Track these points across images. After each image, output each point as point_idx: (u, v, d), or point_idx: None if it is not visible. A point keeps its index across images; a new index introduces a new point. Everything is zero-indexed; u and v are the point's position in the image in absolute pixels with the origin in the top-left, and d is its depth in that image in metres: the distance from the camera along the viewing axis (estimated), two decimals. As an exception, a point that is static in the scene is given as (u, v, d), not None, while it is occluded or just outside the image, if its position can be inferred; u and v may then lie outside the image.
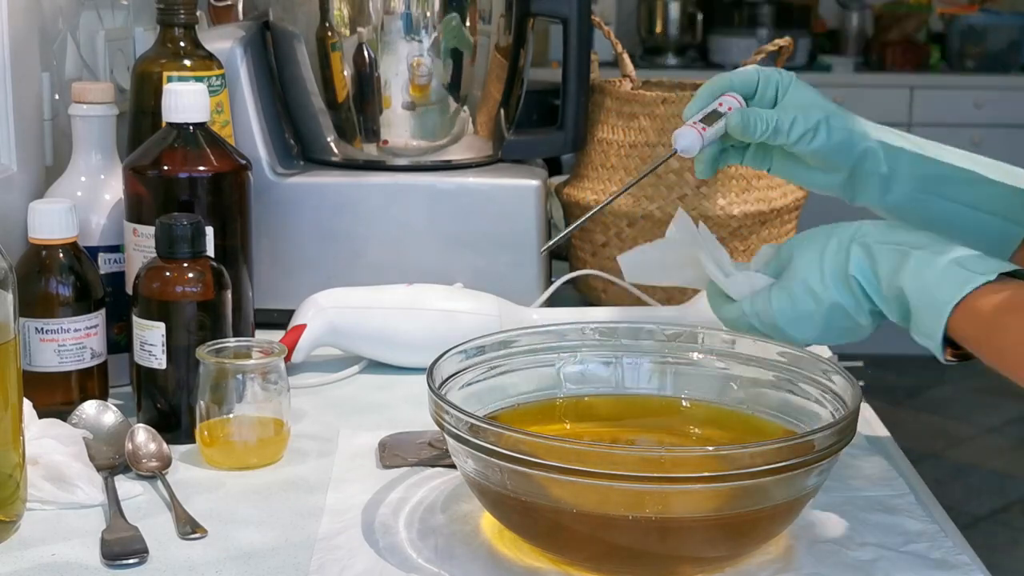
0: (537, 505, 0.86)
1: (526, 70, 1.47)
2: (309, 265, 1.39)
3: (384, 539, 0.93)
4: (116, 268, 1.19)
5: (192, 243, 1.08)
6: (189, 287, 1.08)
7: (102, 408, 1.07)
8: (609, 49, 1.56)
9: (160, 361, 1.08)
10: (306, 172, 1.41)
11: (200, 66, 1.27)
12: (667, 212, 1.39)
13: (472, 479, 0.89)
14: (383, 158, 1.43)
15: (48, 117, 1.33)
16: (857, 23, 4.79)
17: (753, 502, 0.85)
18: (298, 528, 0.95)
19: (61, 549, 0.91)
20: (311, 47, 1.40)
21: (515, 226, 1.38)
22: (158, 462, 1.03)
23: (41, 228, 1.09)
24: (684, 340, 1.05)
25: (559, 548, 0.89)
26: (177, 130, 1.15)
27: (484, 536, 0.93)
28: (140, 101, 1.29)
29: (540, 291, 1.40)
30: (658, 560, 0.87)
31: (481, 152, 1.45)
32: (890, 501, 1.00)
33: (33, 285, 1.09)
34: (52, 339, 1.09)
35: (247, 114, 1.38)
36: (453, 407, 0.88)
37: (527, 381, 1.03)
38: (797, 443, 0.85)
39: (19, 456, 0.93)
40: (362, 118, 1.41)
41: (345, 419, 1.16)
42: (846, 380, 0.94)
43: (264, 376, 1.07)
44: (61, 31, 1.37)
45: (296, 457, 1.08)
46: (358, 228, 1.39)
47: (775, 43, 1.44)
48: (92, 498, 0.97)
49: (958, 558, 0.91)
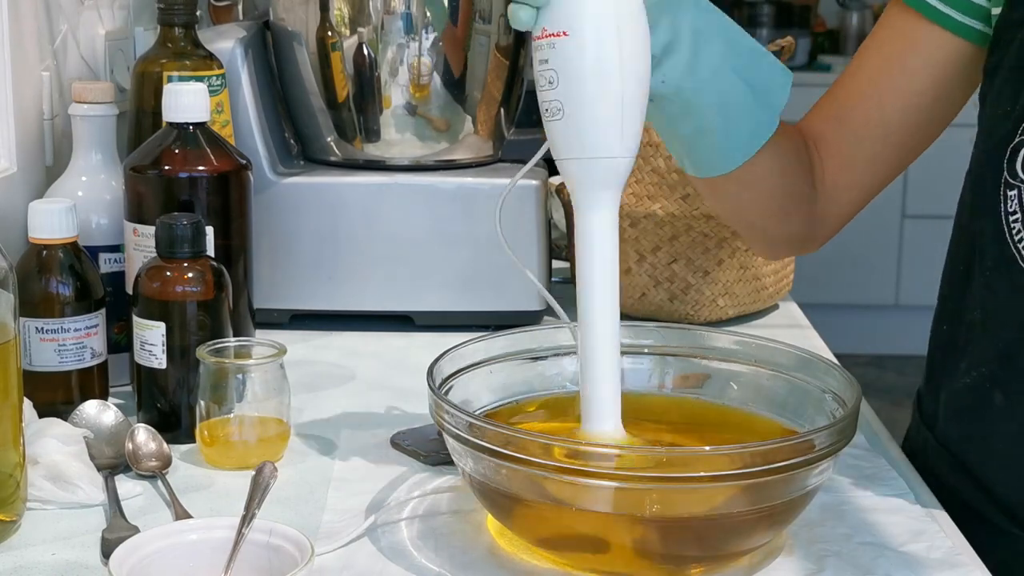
0: (537, 505, 0.86)
1: (526, 70, 1.47)
2: (309, 265, 1.39)
3: (385, 538, 0.93)
4: (116, 268, 1.19)
5: (192, 243, 1.08)
6: (189, 287, 1.08)
7: (102, 408, 1.07)
8: (609, 49, 1.56)
9: (160, 361, 1.08)
10: (306, 172, 1.41)
11: (200, 66, 1.28)
12: (669, 211, 1.39)
13: (472, 479, 0.89)
14: (383, 158, 1.43)
15: (48, 117, 1.33)
16: (857, 23, 4.79)
17: (753, 502, 0.85)
18: (298, 528, 0.95)
19: (61, 549, 0.91)
20: (311, 47, 1.40)
21: (515, 226, 1.38)
22: (158, 462, 1.03)
23: (41, 228, 1.09)
24: (684, 340, 1.05)
25: (559, 548, 0.89)
26: (177, 130, 1.15)
27: (485, 536, 0.93)
28: (140, 101, 1.30)
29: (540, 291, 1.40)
30: (658, 560, 0.87)
31: (481, 152, 1.45)
32: (890, 501, 1.00)
33: (33, 285, 1.09)
34: (52, 339, 1.09)
35: (247, 114, 1.38)
36: (453, 407, 0.88)
37: (527, 381, 1.03)
38: (797, 443, 0.85)
39: (19, 456, 0.93)
40: (362, 118, 1.41)
41: (345, 419, 1.16)
42: (846, 380, 0.94)
43: (264, 376, 1.07)
44: (61, 31, 1.37)
45: (296, 457, 1.08)
46: (358, 228, 1.39)
47: (775, 43, 1.44)
48: (92, 498, 0.97)
49: (958, 558, 0.91)
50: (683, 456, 0.87)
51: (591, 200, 0.90)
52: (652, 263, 1.41)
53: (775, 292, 1.49)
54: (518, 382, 1.03)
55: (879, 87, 1.10)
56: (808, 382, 0.98)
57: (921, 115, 1.11)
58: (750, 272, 1.44)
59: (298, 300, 1.40)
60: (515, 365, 1.03)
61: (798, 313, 1.52)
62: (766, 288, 1.47)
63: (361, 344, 1.37)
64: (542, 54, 0.89)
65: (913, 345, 4.69)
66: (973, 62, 1.08)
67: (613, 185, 0.90)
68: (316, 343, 1.37)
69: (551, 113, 0.89)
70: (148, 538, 0.81)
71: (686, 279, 1.41)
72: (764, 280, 1.46)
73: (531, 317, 1.39)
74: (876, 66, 1.11)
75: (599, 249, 0.90)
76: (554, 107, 0.89)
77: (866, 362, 4.42)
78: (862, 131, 1.12)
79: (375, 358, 1.33)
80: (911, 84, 1.10)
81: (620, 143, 0.88)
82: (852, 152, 1.13)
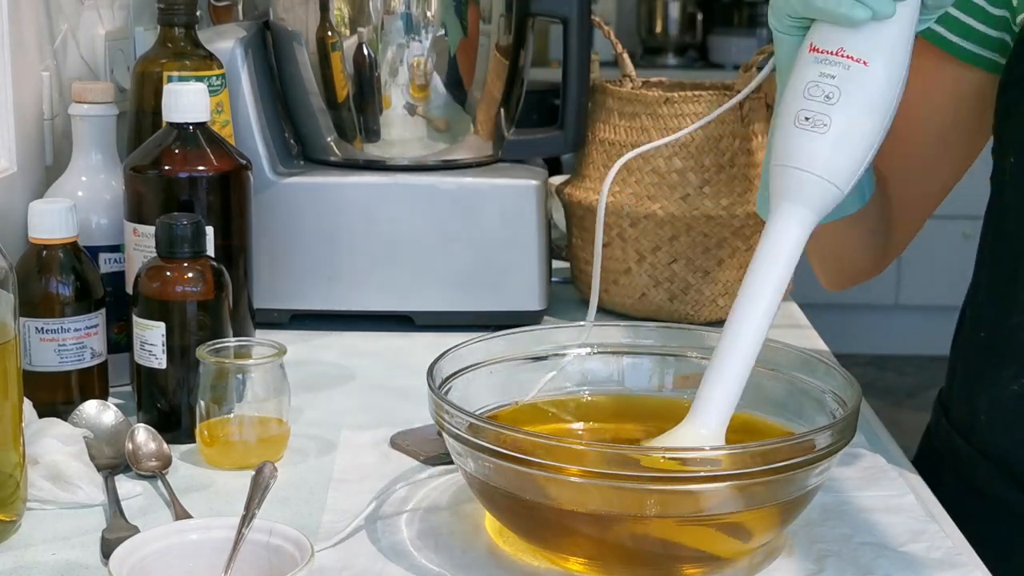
0: (537, 505, 0.86)
1: (526, 70, 1.47)
2: (309, 265, 1.39)
3: (385, 538, 0.93)
4: (116, 268, 1.19)
5: (192, 243, 1.08)
6: (189, 287, 1.08)
7: (102, 408, 1.07)
8: (609, 49, 1.56)
9: (160, 361, 1.08)
10: (306, 172, 1.41)
11: (200, 66, 1.28)
12: (669, 212, 1.39)
13: (472, 479, 0.89)
14: (383, 158, 1.43)
15: (48, 117, 1.33)
16: (857, 23, 4.78)
17: (753, 502, 0.85)
18: (298, 528, 0.95)
19: (61, 549, 0.91)
20: (311, 47, 1.40)
21: (515, 226, 1.38)
22: (158, 462, 1.03)
23: (41, 228, 1.09)
24: (684, 340, 1.05)
25: (559, 548, 0.89)
26: (177, 130, 1.15)
27: (485, 535, 0.93)
28: (140, 101, 1.30)
29: (540, 291, 1.40)
30: (658, 560, 0.87)
31: (481, 152, 1.45)
32: (890, 501, 1.00)
33: (33, 285, 1.09)
34: (52, 339, 1.09)
35: (247, 114, 1.38)
36: (453, 407, 0.88)
37: (527, 381, 1.03)
38: (797, 443, 0.85)
39: (19, 456, 0.93)
40: (362, 118, 1.41)
41: (345, 419, 1.16)
42: (846, 380, 0.94)
43: (264, 376, 1.07)
44: (61, 31, 1.37)
45: (296, 457, 1.08)
46: (358, 228, 1.39)
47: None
48: (92, 498, 0.97)
49: (958, 558, 0.91)
50: (683, 456, 0.86)
51: (796, 214, 0.90)
52: (652, 263, 1.41)
53: (775, 292, 1.49)
54: (518, 382, 1.03)
55: (913, 127, 1.13)
56: (808, 382, 0.98)
57: (960, 142, 1.15)
58: (750, 272, 1.44)
59: (298, 300, 1.40)
60: (515, 365, 1.03)
61: (798, 313, 1.52)
62: (766, 288, 1.47)
63: (361, 344, 1.37)
64: (830, 69, 0.90)
65: (913, 345, 4.70)
66: (989, 90, 1.10)
67: (819, 210, 0.91)
68: (316, 343, 1.37)
69: (812, 124, 0.90)
70: (148, 538, 0.81)
71: (686, 279, 1.41)
72: (764, 280, 1.46)
73: (531, 317, 1.39)
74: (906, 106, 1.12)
75: (783, 262, 0.90)
76: (819, 120, 0.90)
77: (866, 362, 4.42)
78: (903, 173, 1.16)
79: (375, 358, 1.33)
80: (943, 119, 1.14)
81: (849, 178, 0.90)
82: (902, 191, 1.17)
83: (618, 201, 1.41)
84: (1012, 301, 1.06)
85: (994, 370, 1.08)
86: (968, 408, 1.12)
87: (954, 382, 1.16)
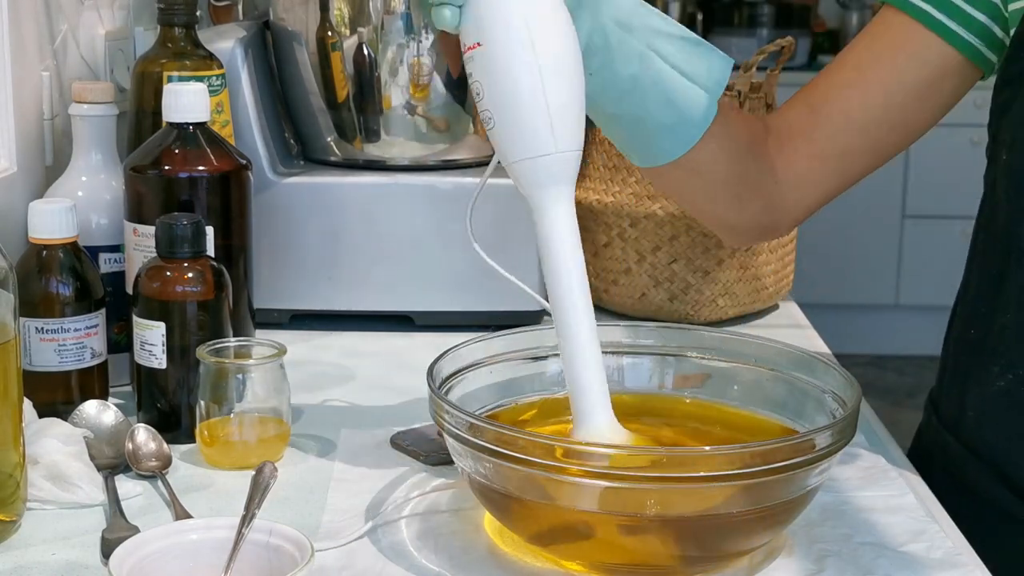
0: (537, 505, 0.86)
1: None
2: (309, 265, 1.39)
3: (385, 538, 0.93)
4: (116, 268, 1.19)
5: (192, 243, 1.08)
6: (189, 287, 1.08)
7: (102, 408, 1.07)
8: (609, 49, 1.56)
9: (160, 361, 1.08)
10: (306, 172, 1.41)
11: (200, 66, 1.28)
12: (669, 212, 1.39)
13: (472, 479, 0.89)
14: (383, 158, 1.43)
15: (48, 117, 1.33)
16: (857, 23, 4.79)
17: (753, 502, 0.85)
18: (298, 528, 0.95)
19: (61, 549, 0.91)
20: (311, 47, 1.40)
21: (515, 226, 1.38)
22: (158, 462, 1.03)
23: (41, 228, 1.09)
24: (684, 340, 1.05)
25: (558, 548, 0.89)
26: (177, 130, 1.15)
27: (485, 536, 0.93)
28: (140, 101, 1.30)
29: (540, 291, 1.40)
30: (658, 560, 0.87)
31: (481, 152, 1.45)
32: (890, 501, 1.00)
33: (33, 285, 1.09)
34: (52, 339, 1.09)
35: (247, 114, 1.38)
36: (453, 407, 0.88)
37: (527, 381, 1.03)
38: (797, 443, 0.85)
39: (19, 456, 0.93)
40: (362, 118, 1.41)
41: (345, 419, 1.16)
42: (846, 380, 0.94)
43: (264, 376, 1.07)
44: (61, 31, 1.37)
45: (296, 457, 1.08)
46: (358, 228, 1.39)
47: (776, 43, 1.44)
48: (92, 498, 0.97)
49: (958, 558, 0.91)
50: (683, 456, 0.87)
51: (540, 199, 0.91)
52: (652, 263, 1.41)
53: (775, 292, 1.49)
54: (518, 382, 1.03)
55: (865, 77, 1.10)
56: (808, 382, 0.98)
57: (901, 114, 1.12)
58: (750, 272, 1.44)
59: (298, 300, 1.40)
60: (515, 365, 1.03)
61: (798, 313, 1.52)
62: (766, 288, 1.47)
63: (361, 344, 1.37)
64: (468, 67, 0.92)
65: (913, 345, 4.70)
66: (960, 74, 1.09)
67: (558, 182, 0.91)
68: (316, 343, 1.37)
69: (486, 123, 0.92)
70: (148, 538, 0.81)
71: (686, 279, 1.41)
72: (764, 280, 1.46)
73: (531, 317, 1.39)
74: (864, 58, 1.11)
75: (558, 244, 0.91)
76: (486, 116, 0.91)
77: (866, 362, 4.42)
78: (839, 123, 1.12)
79: (375, 358, 1.33)
80: (897, 78, 1.10)
81: (553, 141, 0.90)
82: (825, 144, 1.13)
83: (618, 201, 1.41)
84: (1000, 299, 1.06)
85: (982, 367, 1.08)
86: (957, 406, 1.12)
87: (944, 380, 1.16)
